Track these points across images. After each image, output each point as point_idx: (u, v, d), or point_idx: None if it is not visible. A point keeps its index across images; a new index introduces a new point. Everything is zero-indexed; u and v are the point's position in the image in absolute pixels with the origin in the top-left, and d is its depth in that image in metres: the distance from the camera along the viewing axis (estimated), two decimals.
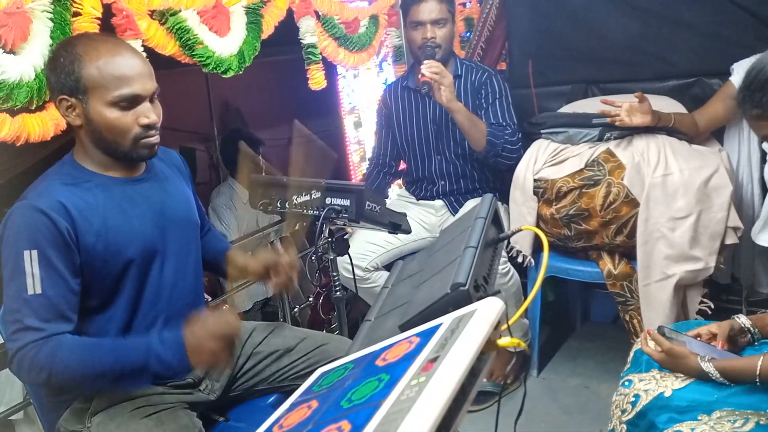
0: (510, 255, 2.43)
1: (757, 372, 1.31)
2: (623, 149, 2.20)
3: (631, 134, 2.22)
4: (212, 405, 1.54)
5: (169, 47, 1.71)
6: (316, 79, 2.21)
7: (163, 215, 1.44)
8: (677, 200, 2.07)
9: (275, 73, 3.94)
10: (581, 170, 2.23)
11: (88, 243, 1.30)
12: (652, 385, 1.43)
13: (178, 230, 1.47)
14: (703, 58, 2.48)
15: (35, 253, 1.23)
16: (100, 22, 1.51)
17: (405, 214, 1.96)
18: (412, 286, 1.21)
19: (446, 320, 0.85)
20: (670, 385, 1.41)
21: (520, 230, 1.29)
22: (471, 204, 2.51)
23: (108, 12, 1.53)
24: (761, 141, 1.40)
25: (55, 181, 1.31)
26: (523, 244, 2.41)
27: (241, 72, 1.90)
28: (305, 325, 2.79)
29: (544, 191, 2.30)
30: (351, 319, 2.52)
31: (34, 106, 1.41)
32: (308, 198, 1.84)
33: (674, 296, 2.11)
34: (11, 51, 1.36)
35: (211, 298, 2.56)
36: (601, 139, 2.28)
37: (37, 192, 1.29)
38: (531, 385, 2.53)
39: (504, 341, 0.81)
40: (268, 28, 2.01)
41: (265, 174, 3.39)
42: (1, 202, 2.29)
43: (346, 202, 1.77)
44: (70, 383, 1.31)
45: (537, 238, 2.35)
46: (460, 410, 0.71)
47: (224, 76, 1.86)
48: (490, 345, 0.79)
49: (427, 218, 2.59)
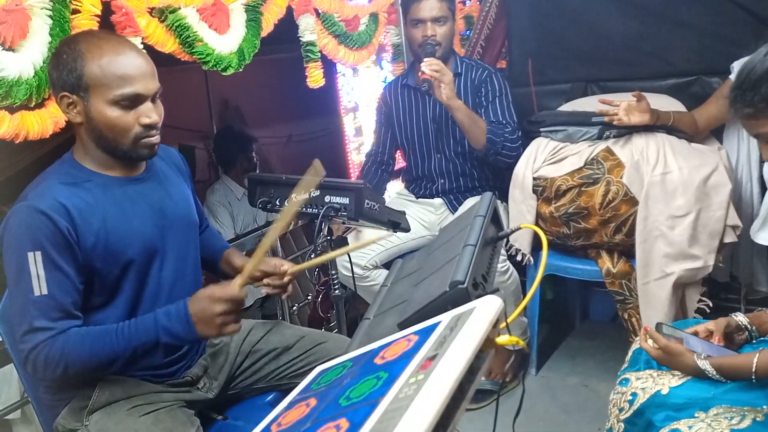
0: (509, 253, 2.44)
1: (753, 369, 1.31)
2: (622, 148, 2.20)
3: (630, 133, 2.22)
4: (210, 403, 1.54)
5: (169, 45, 1.70)
6: (315, 77, 2.21)
7: (162, 215, 1.44)
8: (676, 198, 2.07)
9: (275, 71, 3.93)
10: (580, 168, 2.23)
11: (89, 243, 1.30)
12: (649, 384, 1.44)
13: (177, 229, 1.47)
14: (702, 57, 2.48)
15: (39, 254, 1.24)
16: (99, 19, 1.51)
17: (404, 213, 1.96)
18: (411, 285, 1.21)
19: (445, 318, 0.85)
20: (667, 383, 1.41)
21: (519, 228, 1.29)
22: (470, 202, 2.51)
23: (107, 9, 1.53)
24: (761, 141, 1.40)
25: (55, 181, 1.31)
26: (522, 242, 2.41)
27: (240, 70, 1.90)
28: (305, 324, 2.80)
29: (543, 189, 2.30)
30: (350, 317, 2.52)
31: (33, 103, 1.41)
32: (307, 196, 1.84)
33: (673, 294, 2.11)
34: (10, 48, 1.36)
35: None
36: (600, 137, 2.28)
37: (37, 192, 1.28)
38: (530, 383, 2.54)
39: (503, 339, 0.81)
40: (267, 26, 2.01)
41: (259, 171, 3.41)
42: (0, 200, 2.30)
43: (345, 200, 1.77)
44: (87, 372, 1.31)
45: (536, 237, 2.34)
46: (459, 408, 0.71)
47: (224, 73, 1.86)
48: (488, 343, 0.79)
49: (427, 216, 2.59)
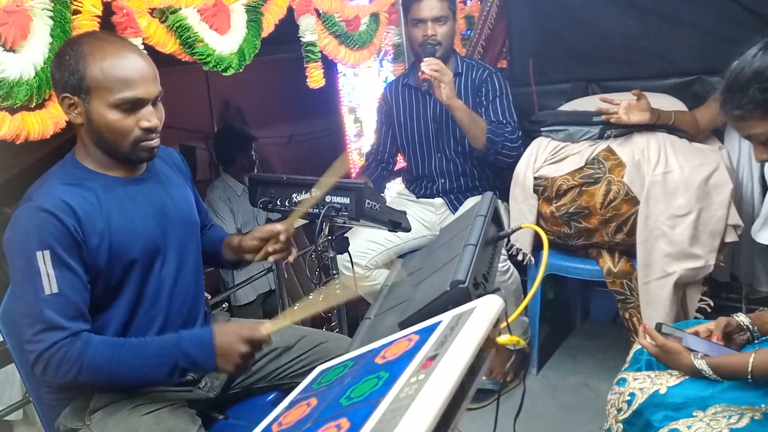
0: (510, 253, 2.43)
1: (749, 369, 1.31)
2: (623, 147, 2.19)
3: (631, 132, 2.22)
4: (212, 403, 1.54)
5: (170, 45, 1.70)
6: (315, 77, 2.21)
7: (163, 215, 1.44)
8: (677, 198, 2.07)
9: (276, 71, 3.94)
10: (581, 168, 2.23)
11: (93, 243, 1.31)
12: (647, 384, 1.44)
13: (178, 230, 1.47)
14: (703, 56, 2.48)
15: (47, 253, 1.24)
16: (100, 20, 1.51)
17: (405, 212, 1.96)
18: (411, 284, 1.21)
19: (445, 318, 0.85)
20: (665, 382, 1.41)
21: (520, 228, 1.29)
22: (471, 202, 2.51)
23: (108, 10, 1.53)
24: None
25: (58, 182, 1.31)
26: (523, 242, 2.41)
27: (241, 70, 1.90)
28: (309, 324, 2.80)
29: (544, 189, 2.30)
30: (351, 317, 2.52)
31: (34, 104, 1.41)
32: (308, 196, 1.84)
33: (674, 294, 2.11)
34: (11, 49, 1.36)
35: (210, 296, 2.56)
36: (601, 137, 2.28)
37: (41, 193, 1.28)
38: (530, 383, 2.54)
39: (503, 339, 0.81)
40: (268, 26, 2.01)
41: (258, 170, 3.43)
42: (1, 200, 2.30)
43: (346, 200, 1.77)
44: (97, 382, 1.31)
45: (537, 236, 2.35)
46: (459, 408, 0.71)
47: (224, 74, 1.86)
48: (489, 343, 0.79)
49: (427, 216, 2.59)
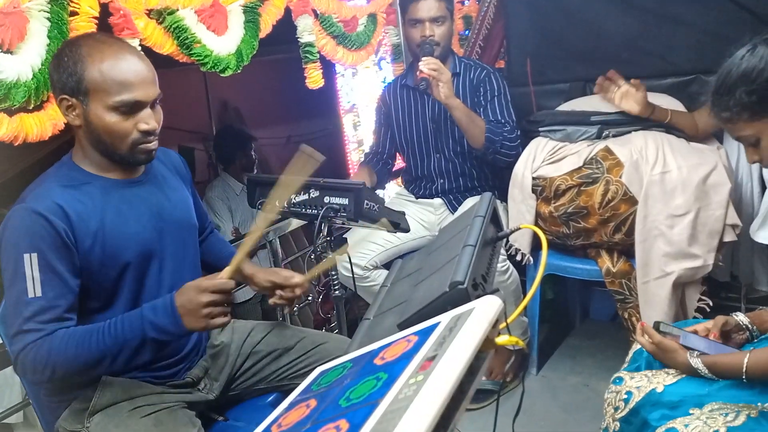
0: (509, 253, 2.44)
1: (744, 369, 1.32)
2: (621, 147, 2.19)
3: (629, 132, 2.22)
4: (211, 404, 1.54)
5: (167, 46, 1.70)
6: (314, 78, 2.21)
7: (160, 217, 1.44)
8: (675, 198, 2.07)
9: (274, 72, 3.94)
10: (579, 168, 2.23)
11: (86, 245, 1.30)
12: (643, 382, 1.44)
13: (175, 232, 1.47)
14: (701, 56, 2.48)
15: (35, 256, 1.23)
16: (97, 21, 1.51)
17: (404, 213, 1.96)
18: (410, 285, 1.21)
19: (444, 319, 0.85)
20: (661, 381, 1.42)
21: (519, 228, 1.29)
22: (470, 202, 2.51)
23: (105, 11, 1.53)
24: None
25: (54, 184, 1.31)
26: (522, 242, 2.41)
27: (239, 71, 1.90)
28: (310, 325, 2.80)
29: (542, 189, 2.30)
30: (350, 318, 2.52)
31: (32, 105, 1.41)
32: (307, 197, 1.84)
33: (673, 294, 2.11)
34: (8, 51, 1.36)
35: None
36: (599, 136, 2.29)
37: (36, 195, 1.28)
38: (530, 383, 2.54)
39: (502, 339, 0.81)
40: (266, 27, 2.01)
41: (257, 170, 3.44)
42: (0, 202, 2.30)
43: (345, 201, 1.77)
44: (74, 374, 1.29)
45: (536, 237, 2.35)
46: (459, 408, 0.71)
47: (222, 75, 1.86)
48: (488, 343, 0.79)
49: (426, 217, 2.59)
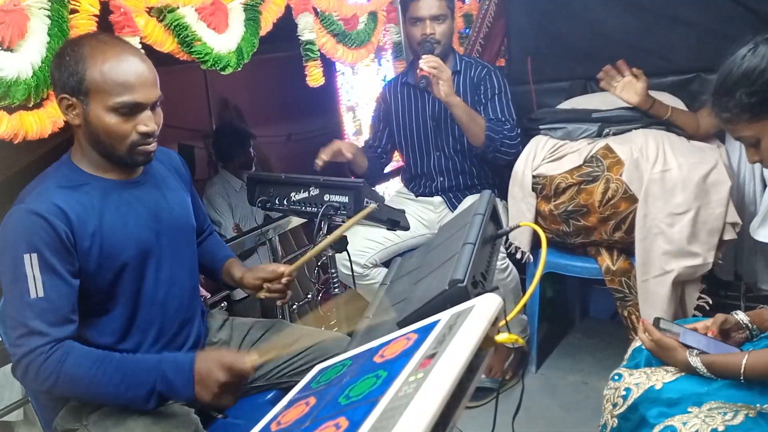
0: (509, 251, 2.43)
1: (742, 370, 1.31)
2: (622, 145, 2.19)
3: (629, 130, 2.22)
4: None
5: (167, 44, 1.70)
6: (314, 75, 2.21)
7: (158, 219, 1.44)
8: (676, 196, 2.07)
9: (274, 70, 3.94)
10: (580, 166, 2.23)
11: (85, 246, 1.31)
12: (642, 379, 1.44)
13: (173, 233, 1.47)
14: (701, 54, 2.48)
15: (35, 256, 1.23)
16: (97, 19, 1.51)
17: (403, 211, 1.96)
18: (410, 283, 1.21)
19: (444, 316, 0.85)
20: (660, 378, 1.41)
21: (519, 226, 1.29)
22: (470, 200, 2.51)
23: (106, 9, 1.53)
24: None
25: (53, 185, 1.31)
26: (521, 240, 2.41)
27: (239, 69, 1.90)
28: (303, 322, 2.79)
29: (542, 187, 2.30)
30: (349, 317, 2.52)
31: (32, 103, 1.40)
32: (307, 195, 1.84)
33: (672, 292, 2.11)
34: (8, 48, 1.36)
35: (209, 294, 2.56)
36: (599, 135, 2.29)
37: (35, 195, 1.28)
38: (529, 381, 2.54)
39: (502, 337, 0.81)
40: (266, 25, 2.01)
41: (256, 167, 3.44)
42: (3, 199, 2.29)
43: (345, 199, 1.77)
44: (72, 393, 1.31)
45: (535, 235, 2.35)
46: (458, 406, 0.71)
47: (223, 73, 1.86)
48: (488, 341, 0.79)
49: (426, 215, 2.59)
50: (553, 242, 2.41)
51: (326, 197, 1.80)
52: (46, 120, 1.44)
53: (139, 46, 1.55)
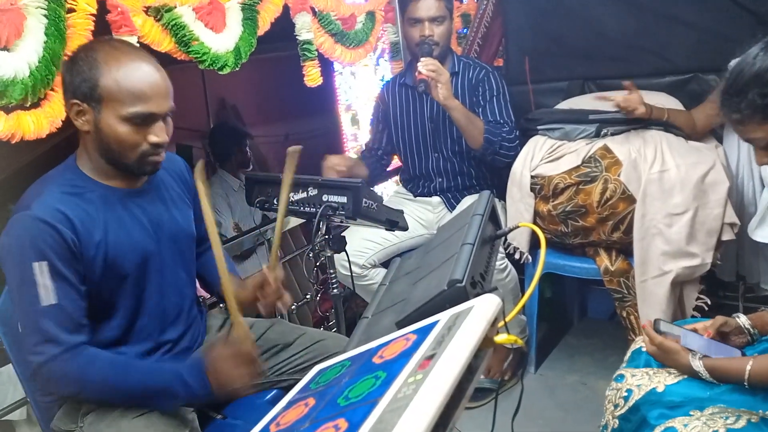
0: (507, 252, 2.43)
1: (746, 376, 1.29)
2: (620, 145, 2.19)
3: (627, 130, 2.22)
4: (209, 402, 1.54)
5: (165, 44, 1.70)
6: (312, 75, 2.21)
7: (160, 229, 1.44)
8: (674, 196, 2.07)
9: (272, 70, 3.93)
10: (578, 167, 2.22)
11: (90, 255, 1.30)
12: (644, 380, 1.43)
13: (174, 244, 1.47)
14: (699, 54, 2.48)
15: (44, 264, 1.22)
16: (94, 18, 1.51)
17: (402, 211, 1.95)
18: (409, 283, 1.21)
19: (443, 317, 0.85)
20: (662, 380, 1.41)
21: (517, 227, 1.29)
22: (468, 201, 2.51)
23: (103, 8, 1.52)
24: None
25: (57, 190, 1.30)
26: (520, 240, 2.41)
27: (237, 68, 1.90)
28: (309, 323, 2.79)
29: (541, 188, 2.29)
30: (348, 316, 2.51)
31: (29, 103, 1.40)
32: (305, 195, 1.84)
33: (671, 292, 2.11)
34: (5, 48, 1.35)
35: (209, 294, 2.55)
36: (597, 135, 2.28)
37: (40, 201, 1.26)
38: (528, 381, 2.54)
39: (501, 338, 0.81)
40: (264, 25, 2.01)
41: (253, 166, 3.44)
42: (7, 197, 2.28)
43: (343, 199, 1.76)
44: (99, 397, 1.31)
45: (534, 235, 2.35)
46: (458, 407, 0.71)
47: (220, 72, 1.86)
48: (487, 342, 0.79)
49: (425, 215, 2.59)
50: (552, 243, 2.40)
51: (324, 197, 1.80)
52: (43, 120, 1.43)
53: (138, 45, 1.55)
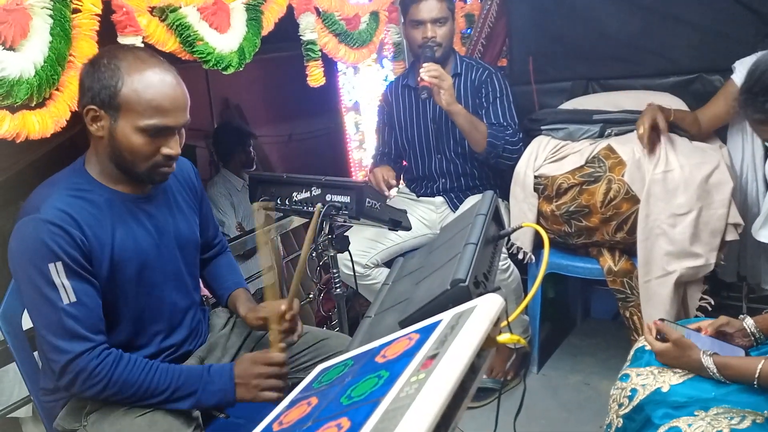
0: (510, 252, 2.43)
1: (756, 375, 1.29)
2: (624, 145, 2.19)
3: (631, 130, 2.22)
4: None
5: (169, 44, 1.70)
6: (315, 76, 2.21)
7: (165, 234, 1.44)
8: (677, 197, 2.07)
9: (276, 70, 3.93)
10: (582, 167, 2.22)
11: (97, 257, 1.31)
12: (649, 380, 1.43)
13: (179, 249, 1.48)
14: (703, 55, 2.48)
15: (60, 264, 1.23)
16: (100, 18, 1.51)
17: (405, 211, 1.96)
18: (412, 283, 1.21)
19: (446, 317, 0.85)
20: (667, 380, 1.41)
21: (521, 227, 1.29)
22: (471, 201, 2.51)
23: (108, 8, 1.53)
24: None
25: (65, 194, 1.30)
26: (523, 240, 2.41)
27: (241, 68, 1.90)
28: (312, 323, 2.79)
29: (544, 188, 2.29)
30: (351, 315, 2.52)
31: (34, 103, 1.40)
32: (308, 195, 1.84)
33: (674, 293, 2.11)
34: (11, 48, 1.36)
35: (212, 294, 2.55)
36: (601, 135, 2.28)
37: (48, 204, 1.26)
38: (531, 381, 2.54)
39: (504, 338, 0.81)
40: (268, 25, 2.01)
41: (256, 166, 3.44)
42: (15, 194, 2.28)
43: (347, 199, 1.77)
44: (122, 397, 1.31)
45: (537, 235, 2.34)
46: (460, 407, 0.71)
47: (224, 72, 1.86)
48: (489, 341, 0.79)
49: (428, 215, 2.59)
50: (555, 243, 2.41)
51: (328, 197, 1.80)
52: (48, 119, 1.43)
53: (142, 46, 1.55)
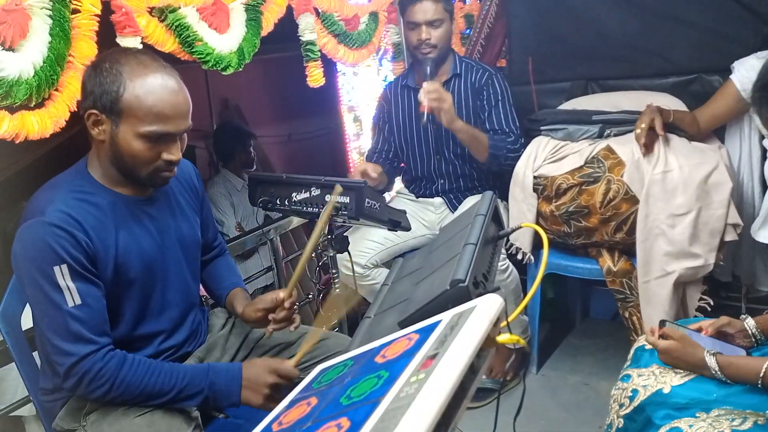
0: (509, 252, 2.43)
1: (761, 374, 1.28)
2: (623, 146, 2.19)
3: (630, 131, 2.22)
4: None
5: (169, 44, 1.70)
6: (315, 76, 2.21)
7: (167, 236, 1.44)
8: (677, 197, 2.07)
9: (275, 71, 3.94)
10: (581, 167, 2.23)
11: (100, 261, 1.31)
12: (650, 381, 1.43)
13: (180, 251, 1.48)
14: (702, 55, 2.48)
15: (65, 266, 1.23)
16: (99, 19, 1.51)
17: (404, 212, 1.96)
18: (411, 283, 1.21)
19: (445, 317, 0.85)
20: (669, 381, 1.41)
21: (520, 227, 1.29)
22: (471, 201, 2.51)
23: (107, 9, 1.53)
24: None
25: (67, 196, 1.30)
26: (522, 241, 2.41)
27: (240, 69, 1.90)
28: (312, 324, 2.79)
29: (543, 188, 2.30)
30: (351, 316, 2.52)
31: (33, 103, 1.40)
32: (308, 195, 1.84)
33: (674, 293, 2.11)
34: (10, 48, 1.35)
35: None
36: (600, 135, 2.29)
37: (52, 208, 1.26)
38: (530, 381, 2.54)
39: (503, 338, 0.81)
40: (267, 25, 2.01)
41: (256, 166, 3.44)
42: (17, 194, 2.28)
43: (346, 200, 1.77)
44: (127, 398, 1.31)
45: (537, 235, 2.35)
46: (460, 407, 0.71)
47: (224, 73, 1.86)
48: (489, 342, 0.79)
49: (427, 216, 2.59)
50: (554, 243, 2.41)
51: (327, 197, 1.80)
52: (47, 120, 1.43)
53: (140, 47, 1.55)
